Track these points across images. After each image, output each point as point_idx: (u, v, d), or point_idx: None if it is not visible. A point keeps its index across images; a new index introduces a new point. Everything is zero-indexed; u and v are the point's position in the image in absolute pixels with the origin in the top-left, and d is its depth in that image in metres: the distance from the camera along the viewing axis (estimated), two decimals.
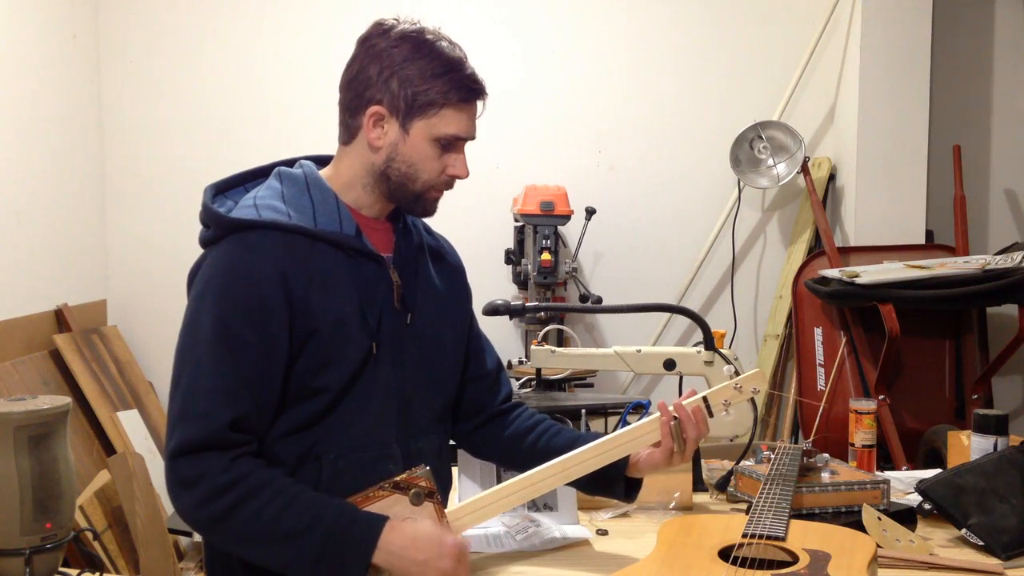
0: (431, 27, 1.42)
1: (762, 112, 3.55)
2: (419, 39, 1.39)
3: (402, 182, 1.42)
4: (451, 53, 1.40)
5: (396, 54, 1.38)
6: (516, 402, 1.67)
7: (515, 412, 1.64)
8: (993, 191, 3.72)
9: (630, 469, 1.52)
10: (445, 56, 1.39)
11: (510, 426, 1.61)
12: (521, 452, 1.57)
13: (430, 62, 1.38)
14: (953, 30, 3.63)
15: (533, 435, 1.58)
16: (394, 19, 1.42)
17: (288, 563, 1.28)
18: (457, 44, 1.43)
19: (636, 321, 3.60)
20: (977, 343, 3.26)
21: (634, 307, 2.02)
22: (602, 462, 1.46)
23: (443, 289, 1.55)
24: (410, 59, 1.37)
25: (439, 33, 1.42)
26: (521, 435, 1.59)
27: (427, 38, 1.39)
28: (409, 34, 1.39)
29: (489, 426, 1.62)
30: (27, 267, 3.16)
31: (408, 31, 1.40)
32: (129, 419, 3.23)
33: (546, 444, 1.55)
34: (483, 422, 1.62)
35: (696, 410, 1.48)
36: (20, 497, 1.28)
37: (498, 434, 1.61)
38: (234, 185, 1.48)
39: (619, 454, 1.47)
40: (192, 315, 1.35)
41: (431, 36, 1.40)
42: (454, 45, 1.42)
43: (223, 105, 3.67)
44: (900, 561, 1.49)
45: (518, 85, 3.64)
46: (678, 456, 1.48)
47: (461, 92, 1.39)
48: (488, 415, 1.63)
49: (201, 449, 1.28)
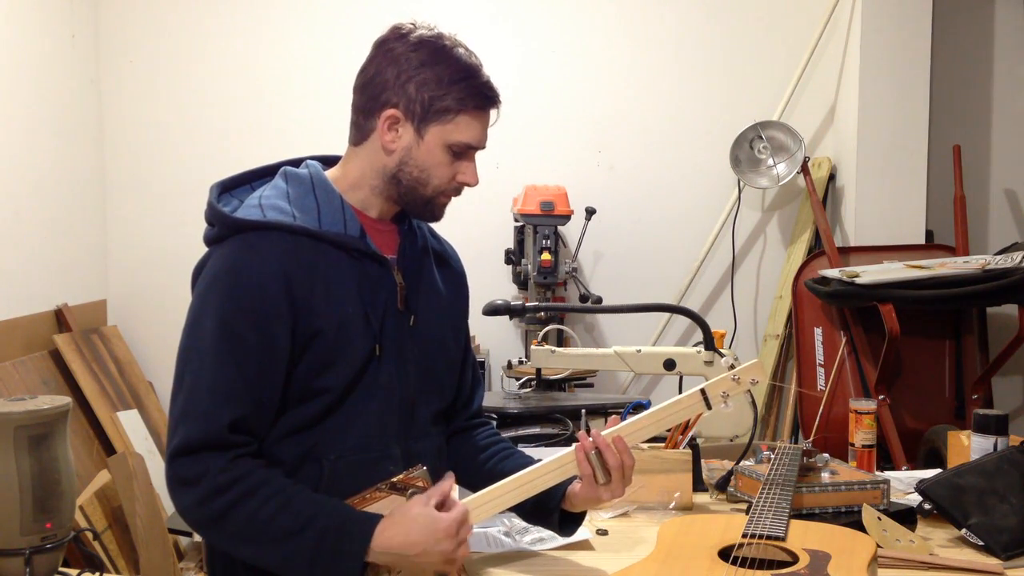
0: (448, 33, 1.42)
1: (762, 112, 3.55)
2: (437, 45, 1.39)
3: (413, 186, 1.42)
4: (468, 60, 1.40)
5: (414, 58, 1.38)
6: (482, 420, 1.66)
7: (478, 430, 1.63)
8: (993, 191, 3.72)
9: (565, 502, 1.48)
10: (463, 63, 1.39)
11: (468, 443, 1.61)
12: (472, 470, 1.56)
13: (448, 68, 1.38)
14: (953, 30, 3.63)
15: (484, 455, 1.57)
16: (411, 23, 1.42)
17: (284, 563, 1.29)
18: (473, 52, 1.43)
19: (636, 321, 3.60)
20: (977, 343, 3.26)
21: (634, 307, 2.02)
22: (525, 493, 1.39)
23: (446, 293, 1.55)
24: (428, 64, 1.38)
25: (456, 40, 1.42)
26: (475, 453, 1.58)
27: (445, 44, 1.40)
28: (427, 39, 1.39)
29: (453, 439, 1.61)
30: (27, 267, 3.16)
31: (426, 36, 1.40)
32: (129, 419, 3.23)
33: (494, 467, 1.53)
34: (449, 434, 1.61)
35: (617, 439, 1.42)
36: (20, 497, 1.28)
37: (457, 448, 1.60)
38: (240, 184, 1.48)
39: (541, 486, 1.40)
40: (195, 314, 1.35)
41: (449, 43, 1.40)
42: (471, 52, 1.42)
43: (223, 105, 3.67)
44: (900, 561, 1.50)
45: (518, 85, 3.63)
46: (605, 489, 1.42)
47: (477, 99, 1.40)
48: (454, 428, 1.62)
49: (201, 449, 1.28)
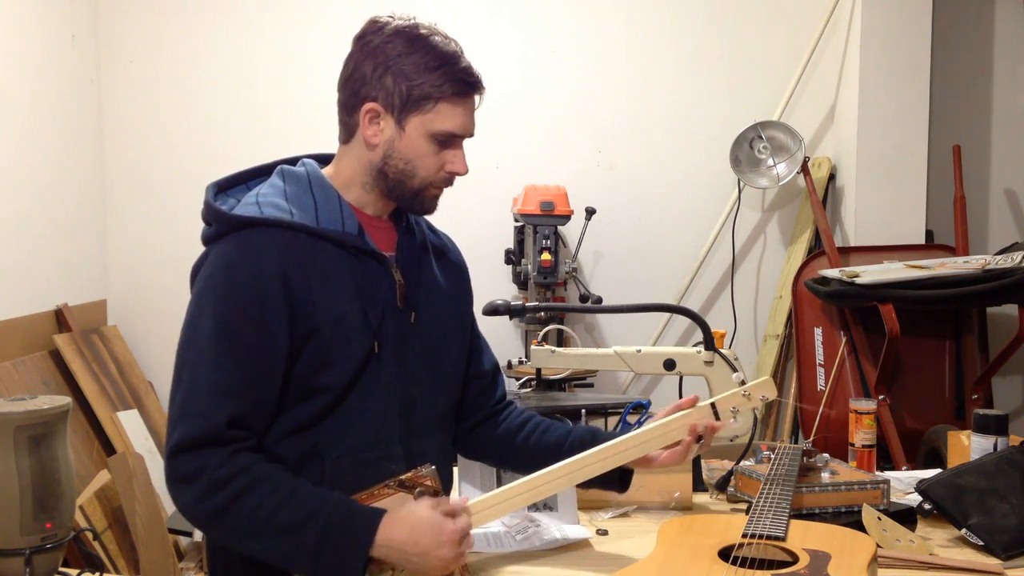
0: (426, 22, 1.41)
1: (762, 112, 3.55)
2: (413, 34, 1.38)
3: (400, 179, 1.42)
4: (445, 47, 1.39)
5: (390, 50, 1.37)
6: (507, 401, 1.67)
7: (506, 411, 1.65)
8: (993, 191, 3.72)
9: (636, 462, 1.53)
10: (439, 50, 1.38)
11: (501, 425, 1.62)
12: (513, 450, 1.58)
13: (424, 56, 1.37)
14: (953, 30, 3.63)
15: (524, 432, 1.59)
16: (389, 16, 1.41)
17: (287, 557, 1.28)
18: (453, 39, 1.41)
19: (636, 321, 3.60)
20: (977, 343, 3.26)
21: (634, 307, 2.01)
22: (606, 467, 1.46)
23: (447, 287, 1.55)
24: (404, 54, 1.37)
25: (433, 28, 1.41)
26: (512, 433, 1.59)
27: (421, 33, 1.39)
28: (403, 29, 1.39)
29: (483, 427, 1.62)
30: (27, 267, 3.16)
31: (402, 27, 1.39)
32: (129, 419, 3.23)
33: (537, 441, 1.56)
34: (478, 423, 1.63)
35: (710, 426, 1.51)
36: (20, 497, 1.28)
37: (490, 434, 1.61)
38: (236, 183, 1.48)
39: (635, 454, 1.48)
40: (193, 312, 1.35)
41: (425, 31, 1.39)
42: (449, 39, 1.41)
43: (223, 105, 3.67)
44: (900, 561, 1.49)
45: (518, 85, 3.64)
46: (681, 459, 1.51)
47: (456, 85, 1.38)
48: (483, 416, 1.63)
49: (200, 445, 1.28)
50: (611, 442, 1.47)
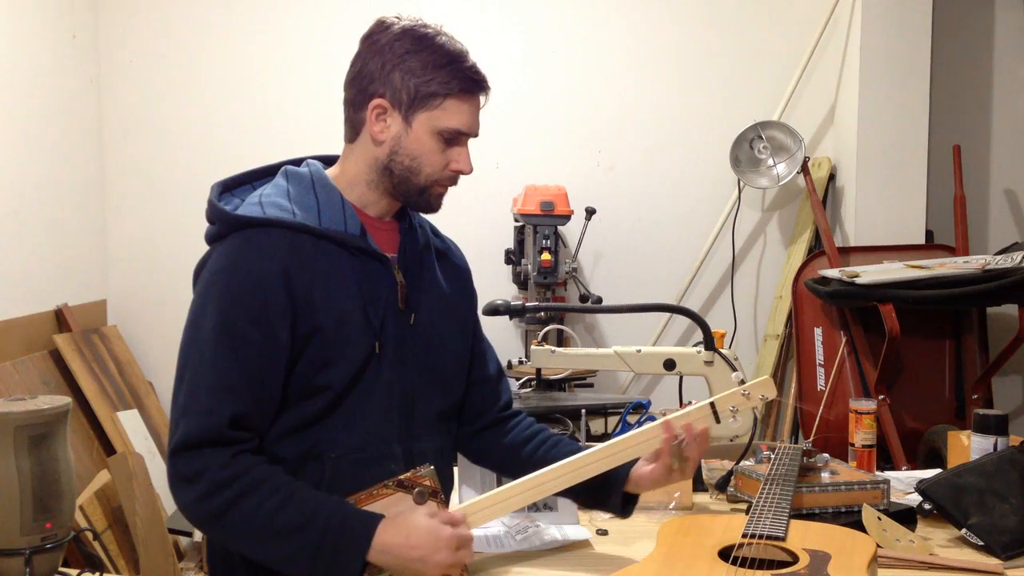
0: (432, 23, 1.43)
1: (762, 112, 3.55)
2: (419, 33, 1.40)
3: (405, 176, 1.42)
4: (452, 46, 1.41)
5: (398, 47, 1.39)
6: (516, 410, 1.67)
7: (514, 420, 1.64)
8: (993, 191, 3.72)
9: (628, 484, 1.52)
10: (446, 48, 1.40)
11: (508, 434, 1.61)
12: (519, 461, 1.56)
13: (431, 54, 1.39)
14: (953, 30, 3.63)
15: (532, 444, 1.58)
16: (396, 16, 1.44)
17: (286, 559, 1.29)
18: (459, 40, 1.44)
19: (636, 321, 3.60)
20: (977, 343, 3.26)
21: (634, 307, 2.01)
22: (608, 465, 1.45)
23: (448, 290, 1.55)
24: (411, 52, 1.39)
25: (440, 28, 1.43)
26: (520, 444, 1.59)
27: (428, 32, 1.41)
28: (410, 29, 1.41)
29: (487, 433, 1.62)
30: (27, 267, 3.16)
31: (409, 26, 1.41)
32: (129, 419, 3.23)
33: (545, 454, 1.55)
34: (481, 428, 1.62)
35: (703, 431, 1.48)
36: (20, 497, 1.28)
37: (497, 441, 1.61)
38: (241, 183, 1.49)
39: (625, 457, 1.46)
40: (196, 312, 1.35)
41: (432, 30, 1.42)
42: (455, 40, 1.43)
43: (223, 105, 3.67)
44: (900, 561, 1.49)
45: (518, 85, 3.64)
46: (678, 474, 1.49)
47: (463, 83, 1.40)
48: (487, 421, 1.62)
49: (201, 445, 1.28)
50: (611, 442, 1.47)
